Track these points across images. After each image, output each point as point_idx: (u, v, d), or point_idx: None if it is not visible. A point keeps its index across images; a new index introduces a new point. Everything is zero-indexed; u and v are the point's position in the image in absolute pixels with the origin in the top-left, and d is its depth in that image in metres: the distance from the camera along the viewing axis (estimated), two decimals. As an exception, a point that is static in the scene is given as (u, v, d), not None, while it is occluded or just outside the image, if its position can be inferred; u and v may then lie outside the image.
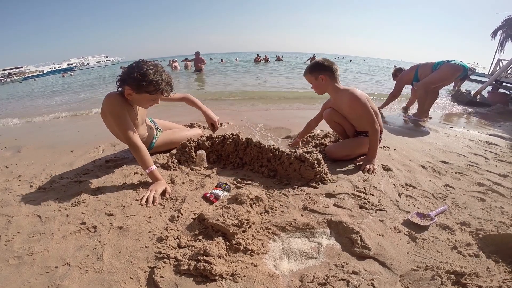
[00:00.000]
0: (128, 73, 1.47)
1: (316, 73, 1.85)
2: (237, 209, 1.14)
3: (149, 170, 1.46)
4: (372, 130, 1.76)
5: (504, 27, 14.26)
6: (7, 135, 3.10)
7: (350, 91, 1.80)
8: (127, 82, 1.48)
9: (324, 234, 1.14)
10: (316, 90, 1.92)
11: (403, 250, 1.05)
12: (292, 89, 6.39)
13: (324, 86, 1.87)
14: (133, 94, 1.51)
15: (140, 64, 1.47)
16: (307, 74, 1.90)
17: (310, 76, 1.88)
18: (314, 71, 1.86)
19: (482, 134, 2.87)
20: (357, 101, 1.76)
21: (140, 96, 1.51)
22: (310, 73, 1.88)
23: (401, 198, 1.44)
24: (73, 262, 0.97)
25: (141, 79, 1.43)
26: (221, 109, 3.89)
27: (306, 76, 1.92)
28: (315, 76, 1.85)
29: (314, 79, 1.87)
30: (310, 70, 1.88)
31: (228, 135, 1.86)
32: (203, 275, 0.89)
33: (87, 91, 8.23)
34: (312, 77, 1.87)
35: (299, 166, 1.55)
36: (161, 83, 1.49)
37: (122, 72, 1.51)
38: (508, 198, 1.48)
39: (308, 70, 1.90)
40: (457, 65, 3.15)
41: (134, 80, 1.44)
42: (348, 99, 1.80)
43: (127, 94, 1.52)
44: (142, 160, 1.47)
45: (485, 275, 0.94)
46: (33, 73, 37.77)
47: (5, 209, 1.35)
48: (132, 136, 1.49)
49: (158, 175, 1.47)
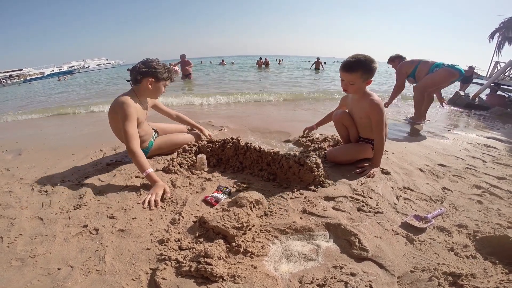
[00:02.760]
0: (147, 66, 1.72)
1: (368, 75, 1.67)
2: (237, 212, 1.16)
3: (146, 173, 1.52)
4: (379, 139, 1.76)
5: (502, 30, 14.37)
6: (8, 137, 3.12)
7: (372, 97, 1.74)
8: (148, 74, 1.72)
9: (323, 237, 1.15)
10: (352, 90, 1.75)
11: (401, 252, 1.06)
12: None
13: (362, 89, 1.74)
14: (153, 84, 1.75)
15: (150, 60, 1.74)
16: (354, 74, 1.66)
17: (359, 77, 1.66)
18: (367, 73, 1.66)
19: (480, 137, 2.89)
20: (377, 108, 1.72)
21: (158, 84, 1.78)
22: (362, 74, 1.66)
23: (399, 201, 1.46)
24: (75, 264, 0.99)
25: (159, 69, 1.73)
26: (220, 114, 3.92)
27: (352, 74, 1.67)
28: (365, 78, 1.68)
29: (361, 81, 1.68)
30: (363, 71, 1.65)
31: (228, 139, 1.88)
32: (204, 276, 0.91)
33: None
34: (361, 79, 1.67)
35: (298, 169, 1.57)
36: (170, 71, 1.82)
37: (138, 69, 1.72)
38: (505, 200, 1.49)
39: (359, 69, 1.65)
40: (452, 69, 3.16)
41: (154, 70, 1.72)
42: (369, 104, 1.73)
43: (147, 85, 1.74)
44: (139, 164, 1.54)
45: (482, 276, 0.95)
46: (34, 75, 37.85)
47: (7, 211, 1.37)
48: (133, 141, 1.58)
49: (155, 177, 1.51)
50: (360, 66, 1.65)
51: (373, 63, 1.65)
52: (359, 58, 1.66)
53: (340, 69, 1.72)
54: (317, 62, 15.65)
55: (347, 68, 1.68)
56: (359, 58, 1.66)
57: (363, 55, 1.67)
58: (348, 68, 1.67)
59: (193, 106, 4.69)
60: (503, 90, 6.77)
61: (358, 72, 1.65)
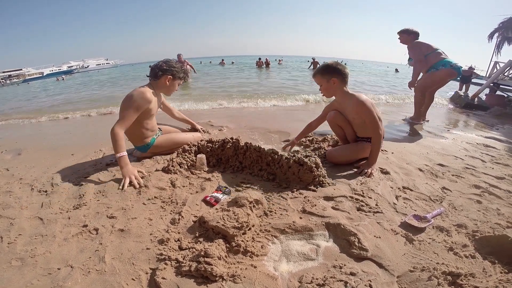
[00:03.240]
0: (168, 65, 1.91)
1: (328, 75, 1.83)
2: (237, 212, 1.16)
3: (121, 155, 1.65)
4: (376, 136, 1.77)
5: (501, 30, 14.40)
6: (7, 137, 3.12)
7: (356, 96, 1.79)
8: (167, 71, 1.90)
9: (322, 236, 1.16)
10: (325, 92, 1.91)
11: (400, 252, 1.07)
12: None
13: (334, 90, 1.87)
14: (170, 81, 1.93)
15: (171, 60, 1.96)
16: (318, 76, 1.88)
17: (322, 78, 1.86)
18: (327, 74, 1.84)
19: (479, 137, 2.90)
20: (363, 107, 1.75)
21: (175, 81, 1.97)
22: (322, 75, 1.86)
23: (399, 200, 1.46)
24: (75, 263, 0.99)
25: (179, 69, 1.96)
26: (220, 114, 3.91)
27: (316, 77, 1.90)
28: (327, 78, 1.84)
29: (325, 81, 1.85)
30: (322, 72, 1.86)
31: (228, 139, 1.88)
32: (204, 276, 0.91)
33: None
34: (324, 79, 1.85)
35: (297, 169, 1.57)
36: (187, 73, 2.07)
37: (160, 66, 1.90)
38: (504, 200, 1.50)
39: (319, 72, 1.88)
40: (452, 70, 3.15)
41: (175, 69, 1.93)
42: (355, 104, 1.79)
43: (165, 81, 1.91)
44: (117, 145, 1.67)
45: (481, 275, 0.96)
46: (33, 75, 37.80)
47: (6, 211, 1.37)
48: (122, 124, 1.72)
49: (127, 160, 1.66)
50: (319, 69, 1.91)
51: (332, 65, 1.86)
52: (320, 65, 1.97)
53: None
54: (314, 62, 15.47)
55: (313, 75, 1.96)
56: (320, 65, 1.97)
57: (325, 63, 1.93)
58: (313, 74, 1.95)
59: (193, 106, 4.68)
60: (502, 90, 6.78)
61: (318, 75, 1.89)
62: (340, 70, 1.83)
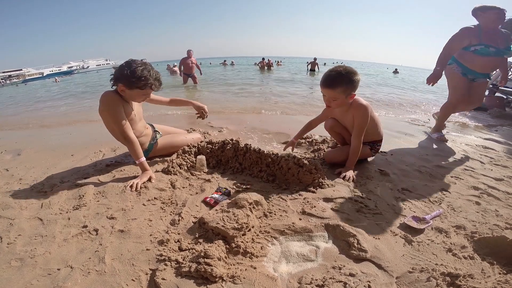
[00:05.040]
0: (120, 71, 1.62)
1: (350, 90, 1.60)
2: (237, 213, 1.16)
3: (139, 161, 1.65)
4: (356, 142, 1.74)
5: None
6: (7, 138, 3.12)
7: (356, 100, 1.72)
8: (119, 80, 1.62)
9: (322, 238, 1.16)
10: (335, 105, 1.69)
11: (399, 253, 1.07)
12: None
13: (346, 103, 1.68)
14: (126, 90, 1.65)
15: (130, 63, 1.63)
16: (336, 90, 1.59)
17: (340, 93, 1.59)
18: (348, 89, 1.59)
19: (478, 139, 2.91)
20: (359, 110, 1.71)
21: (132, 91, 1.66)
22: (345, 90, 1.59)
23: (398, 202, 1.47)
24: (75, 264, 0.99)
25: (131, 76, 1.59)
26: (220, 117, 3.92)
27: (333, 91, 1.60)
28: (347, 94, 1.61)
29: (344, 97, 1.61)
30: (345, 86, 1.57)
31: (228, 141, 1.89)
32: (203, 277, 0.91)
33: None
34: (343, 94, 1.60)
35: (297, 171, 1.58)
36: (150, 78, 1.64)
37: (115, 72, 1.66)
38: (503, 201, 1.50)
39: (340, 85, 1.57)
40: None
41: (125, 77, 1.60)
42: (353, 107, 1.73)
43: (120, 91, 1.66)
44: (134, 151, 1.66)
45: (480, 276, 0.96)
46: (33, 75, 37.78)
47: (6, 211, 1.37)
48: (127, 129, 1.66)
49: (146, 165, 1.67)
50: (341, 81, 1.58)
51: (355, 75, 1.59)
52: (339, 72, 1.59)
53: (321, 84, 1.65)
54: (313, 62, 14.86)
55: (328, 84, 1.61)
56: (339, 71, 1.58)
57: (344, 68, 1.60)
58: (329, 84, 1.60)
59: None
60: (502, 91, 6.79)
61: (339, 88, 1.58)
62: (358, 82, 1.61)
